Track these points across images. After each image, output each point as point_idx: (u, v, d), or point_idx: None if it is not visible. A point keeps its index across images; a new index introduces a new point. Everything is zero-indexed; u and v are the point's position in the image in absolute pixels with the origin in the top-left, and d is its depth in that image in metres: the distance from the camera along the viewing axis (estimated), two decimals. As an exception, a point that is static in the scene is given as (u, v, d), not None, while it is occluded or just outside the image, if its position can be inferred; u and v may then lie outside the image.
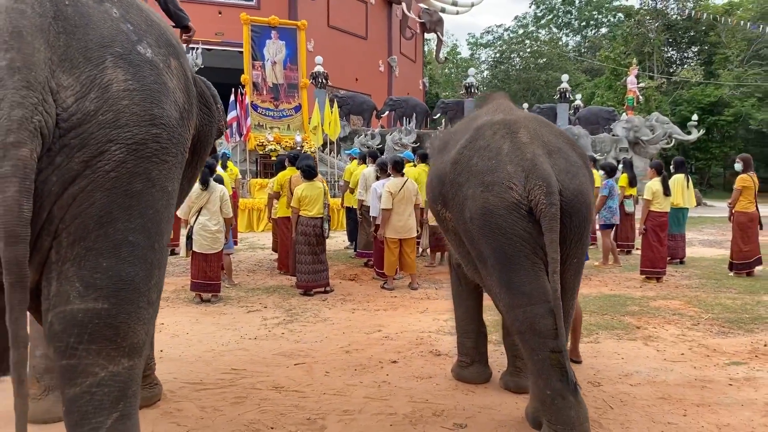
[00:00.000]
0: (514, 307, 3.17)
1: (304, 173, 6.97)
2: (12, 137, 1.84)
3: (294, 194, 6.91)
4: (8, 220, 1.82)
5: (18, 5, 2.00)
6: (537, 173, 3.15)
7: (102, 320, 2.04)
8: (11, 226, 1.82)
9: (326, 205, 7.04)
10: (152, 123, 2.14)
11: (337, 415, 3.65)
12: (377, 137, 19.30)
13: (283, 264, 8.08)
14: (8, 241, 1.82)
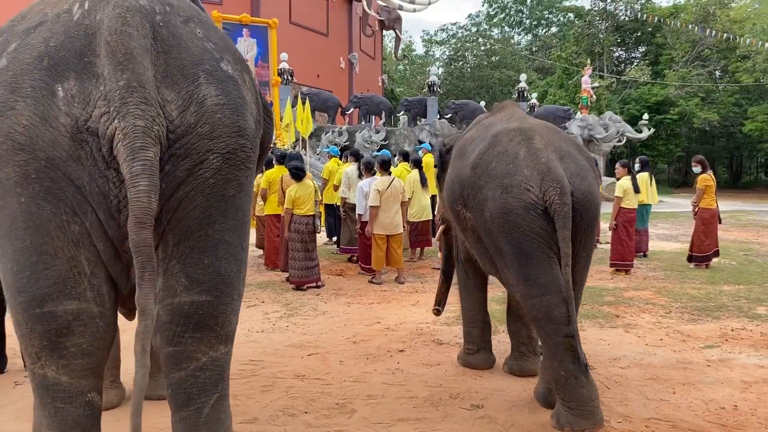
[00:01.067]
0: (531, 297, 3.51)
1: (293, 175, 7.18)
2: (139, 142, 2.06)
3: (287, 195, 7.12)
4: (139, 209, 2.03)
5: (126, 28, 2.21)
6: (551, 176, 3.50)
7: (205, 311, 2.27)
8: (141, 214, 2.04)
9: (317, 202, 7.28)
10: (239, 134, 2.38)
11: (362, 399, 3.93)
12: (345, 134, 19.52)
13: (270, 260, 8.27)
14: (138, 226, 2.04)
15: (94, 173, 2.12)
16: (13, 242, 2.11)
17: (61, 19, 2.25)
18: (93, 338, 2.19)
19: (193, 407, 2.27)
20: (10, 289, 2.14)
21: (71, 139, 2.10)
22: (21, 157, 2.09)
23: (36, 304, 2.10)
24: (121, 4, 2.26)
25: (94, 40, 2.19)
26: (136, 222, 2.03)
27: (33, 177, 2.09)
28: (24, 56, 2.19)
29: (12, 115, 2.11)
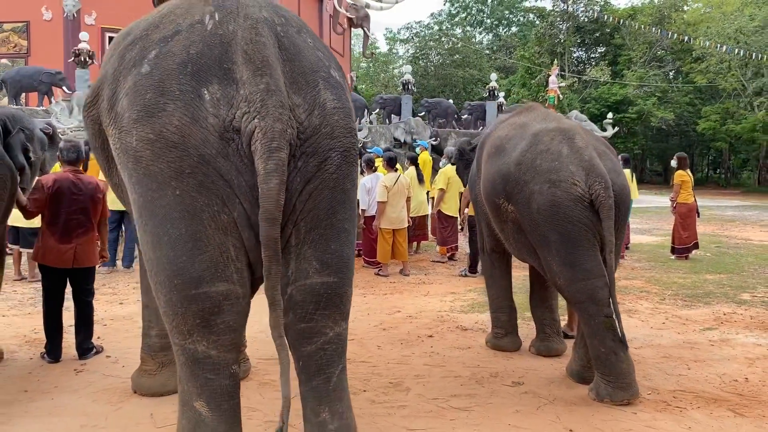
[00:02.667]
0: (577, 281, 3.87)
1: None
2: (275, 143, 2.33)
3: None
4: (270, 205, 2.31)
5: (260, 38, 2.47)
6: (596, 172, 3.87)
7: (332, 291, 2.55)
8: (271, 209, 2.32)
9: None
10: (351, 134, 2.66)
11: (411, 379, 4.23)
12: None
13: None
14: (268, 222, 2.32)
15: (241, 168, 2.38)
16: (168, 230, 2.35)
17: (195, 29, 2.49)
18: (237, 316, 2.44)
19: (323, 377, 2.54)
20: (165, 272, 2.38)
21: (219, 138, 2.36)
22: (175, 154, 2.33)
23: (192, 286, 2.35)
24: (251, 16, 2.52)
25: (230, 49, 2.45)
26: (266, 217, 2.31)
27: (187, 172, 2.33)
28: (167, 62, 2.43)
29: (164, 116, 2.35)
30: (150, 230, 2.40)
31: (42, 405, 3.69)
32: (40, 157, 4.60)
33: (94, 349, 4.60)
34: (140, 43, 2.56)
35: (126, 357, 4.58)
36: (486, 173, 4.47)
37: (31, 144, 4.43)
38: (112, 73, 2.61)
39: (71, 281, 4.53)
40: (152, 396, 3.82)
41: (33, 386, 4.01)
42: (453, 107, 23.88)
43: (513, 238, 4.38)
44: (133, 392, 3.88)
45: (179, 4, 2.64)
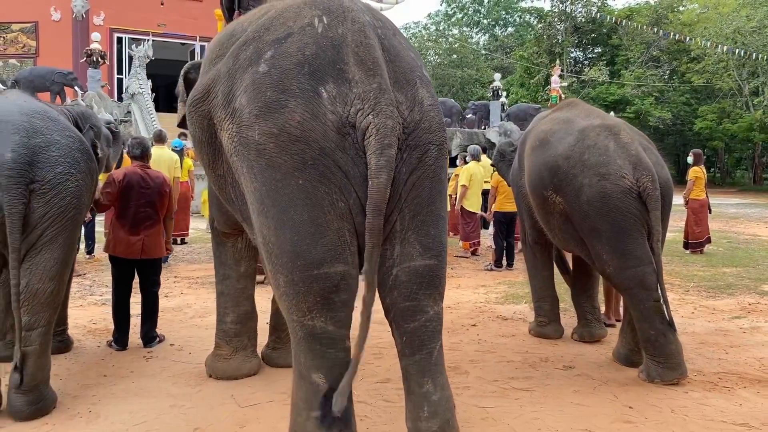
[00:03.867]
0: (627, 269, 4.10)
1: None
2: (387, 140, 2.55)
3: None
4: (378, 198, 2.52)
5: (368, 41, 2.69)
6: (643, 165, 4.11)
7: (433, 272, 2.77)
8: (379, 202, 2.53)
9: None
10: (443, 129, 2.89)
11: (467, 363, 4.45)
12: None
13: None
14: (375, 212, 2.53)
15: (356, 160, 2.59)
16: (292, 216, 2.56)
17: (307, 32, 2.70)
18: (351, 295, 2.66)
19: (425, 351, 2.75)
20: (287, 254, 2.58)
21: (337, 132, 2.57)
22: (298, 147, 2.54)
23: (314, 267, 2.55)
24: (358, 20, 2.73)
25: (341, 50, 2.66)
26: (374, 208, 2.52)
27: (310, 163, 2.54)
28: (284, 62, 2.64)
29: (285, 112, 2.56)
30: (273, 216, 2.60)
31: (125, 388, 3.89)
32: (107, 154, 4.78)
33: (158, 338, 4.80)
34: (254, 43, 2.76)
35: (189, 345, 4.78)
36: (531, 166, 4.69)
37: (99, 141, 4.61)
38: (226, 71, 2.81)
39: (139, 272, 4.72)
40: (227, 379, 4.02)
41: (110, 371, 4.20)
42: (457, 107, 24.09)
43: (559, 229, 4.60)
44: (209, 376, 4.08)
45: (287, 7, 2.84)
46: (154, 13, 21.17)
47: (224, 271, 4.07)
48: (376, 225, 2.54)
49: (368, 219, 2.54)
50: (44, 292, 3.46)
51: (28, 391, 3.40)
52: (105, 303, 5.96)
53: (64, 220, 3.52)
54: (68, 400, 3.65)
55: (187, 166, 9.17)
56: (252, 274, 4.16)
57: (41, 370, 3.47)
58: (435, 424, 2.71)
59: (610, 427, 3.41)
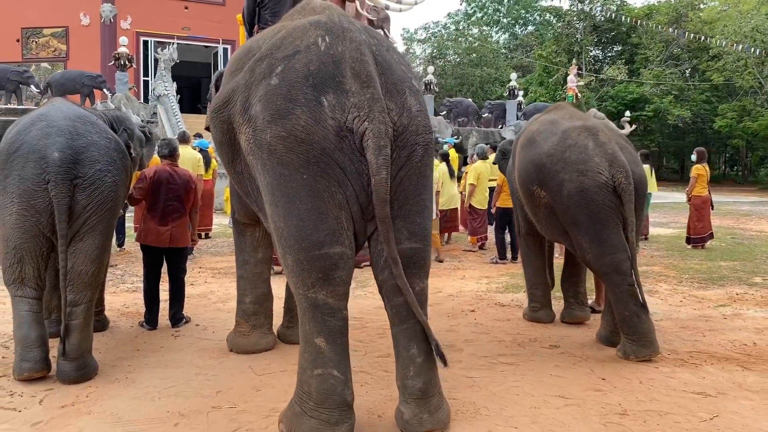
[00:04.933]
0: (603, 255, 4.53)
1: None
2: (382, 142, 3.03)
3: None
4: (382, 191, 3.01)
5: (363, 57, 3.17)
6: (618, 163, 4.54)
7: (418, 254, 3.24)
8: (383, 195, 3.01)
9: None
10: (429, 132, 3.36)
11: (462, 343, 4.91)
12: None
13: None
14: (381, 203, 3.01)
15: (352, 158, 3.07)
16: (298, 206, 3.05)
17: (311, 50, 3.19)
18: (348, 272, 3.14)
19: (411, 321, 3.22)
20: (294, 237, 3.07)
21: (336, 135, 3.05)
22: (303, 148, 3.03)
23: (316, 248, 3.04)
24: (354, 39, 3.21)
25: (340, 66, 3.14)
26: (380, 200, 3.01)
27: (313, 161, 3.03)
28: (292, 76, 3.13)
29: (293, 118, 3.05)
30: (282, 206, 3.09)
31: (156, 360, 4.42)
32: (139, 153, 5.32)
33: (184, 319, 5.33)
34: (267, 60, 3.25)
35: (212, 325, 5.31)
36: (519, 163, 5.15)
37: (132, 142, 5.14)
38: (244, 83, 3.31)
39: (167, 259, 5.25)
40: (246, 353, 4.53)
41: (142, 347, 4.74)
42: (474, 106, 24.49)
43: (545, 221, 5.05)
44: (230, 350, 4.59)
45: (296, 27, 3.33)
46: (178, 17, 21.87)
47: (243, 257, 4.58)
48: (384, 213, 3.04)
49: (377, 210, 3.03)
50: (87, 273, 4.00)
51: (74, 359, 3.94)
52: (135, 290, 6.53)
53: (104, 210, 4.06)
54: (107, 368, 4.18)
55: (213, 165, 9.75)
56: (268, 260, 4.67)
57: (85, 340, 4.01)
58: (419, 382, 3.19)
59: (581, 394, 3.85)
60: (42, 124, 4.07)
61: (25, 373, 3.89)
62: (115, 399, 3.68)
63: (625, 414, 3.55)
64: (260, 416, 3.44)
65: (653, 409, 3.62)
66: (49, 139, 3.98)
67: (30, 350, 3.92)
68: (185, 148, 8.51)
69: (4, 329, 5.04)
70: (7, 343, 4.68)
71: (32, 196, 3.89)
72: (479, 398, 3.74)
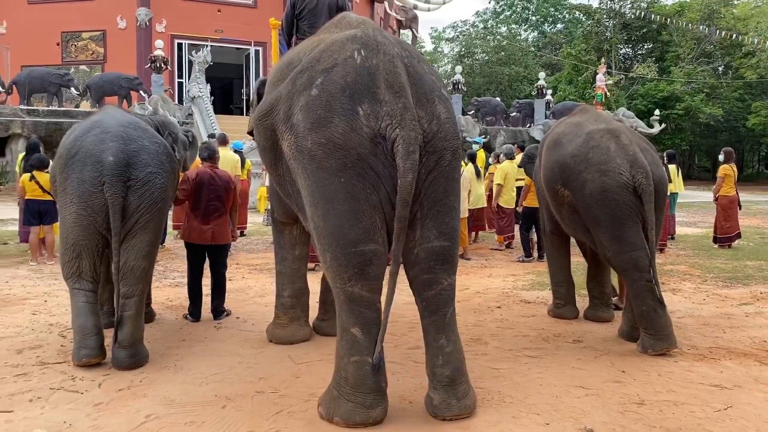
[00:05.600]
0: (623, 252, 4.73)
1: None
2: (411, 148, 3.28)
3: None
4: (406, 193, 3.26)
5: (396, 69, 3.42)
6: (638, 164, 4.74)
7: (447, 251, 3.49)
8: (406, 196, 3.26)
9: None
10: (457, 138, 3.60)
11: (488, 337, 5.15)
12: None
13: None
14: (403, 205, 3.27)
15: (385, 163, 3.33)
16: (336, 207, 3.32)
17: (348, 63, 3.45)
18: (381, 268, 3.41)
19: (440, 313, 3.48)
20: (333, 236, 3.34)
21: (371, 142, 3.31)
22: (340, 153, 3.30)
23: (352, 245, 3.31)
24: (388, 52, 3.47)
25: (375, 77, 3.39)
26: (402, 201, 3.26)
27: (349, 166, 3.30)
28: (331, 87, 3.40)
29: (331, 126, 3.32)
30: (321, 206, 3.37)
31: (202, 349, 4.74)
32: (183, 156, 5.65)
33: (225, 312, 5.65)
34: (308, 72, 3.53)
35: (252, 318, 5.63)
36: (545, 163, 5.36)
37: (176, 145, 5.48)
38: (286, 94, 3.59)
39: (209, 256, 5.58)
40: (284, 344, 4.83)
41: (188, 337, 5.06)
42: (501, 105, 24.58)
43: (568, 219, 5.25)
44: (269, 341, 4.90)
45: (334, 42, 3.59)
46: (211, 20, 22.36)
47: (282, 254, 4.88)
48: (403, 214, 3.29)
49: (397, 210, 3.28)
50: (138, 268, 4.33)
51: (127, 347, 4.27)
52: (177, 285, 6.89)
53: (154, 210, 4.39)
54: (157, 357, 4.51)
55: (247, 166, 10.11)
56: (305, 257, 4.96)
57: (137, 330, 4.34)
58: (448, 370, 3.44)
59: (601, 385, 4.06)
60: (97, 131, 4.42)
61: (83, 359, 4.23)
62: (167, 384, 4.00)
63: (642, 403, 3.75)
64: (300, 400, 3.72)
65: (670, 400, 3.82)
66: (104, 144, 4.32)
67: (87, 338, 4.26)
68: (224, 150, 8.87)
69: (59, 320, 5.42)
70: (63, 333, 5.04)
71: (89, 196, 4.23)
72: (504, 387, 3.98)
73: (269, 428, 3.35)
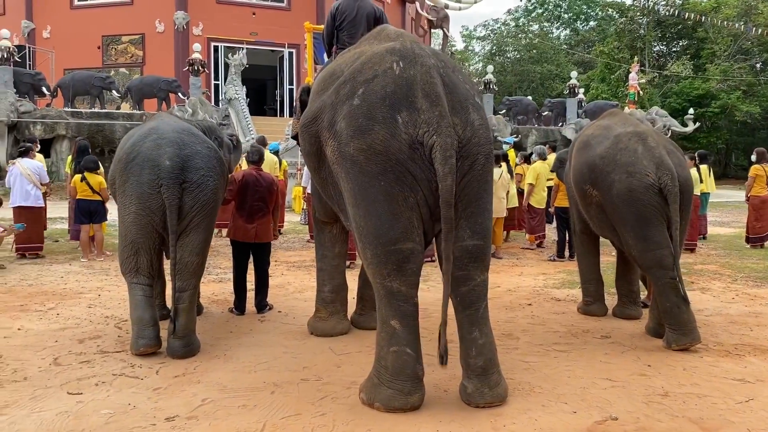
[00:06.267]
0: (648, 251, 4.92)
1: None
2: (448, 153, 3.52)
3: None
4: (447, 195, 3.50)
5: (432, 79, 3.66)
6: (664, 166, 4.92)
7: (480, 250, 3.73)
8: (449, 198, 3.51)
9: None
10: (490, 143, 3.83)
11: (519, 332, 5.37)
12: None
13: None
14: (446, 206, 3.51)
15: (422, 167, 3.58)
16: (376, 208, 3.59)
17: (388, 74, 3.71)
18: (418, 265, 3.67)
19: (473, 308, 3.73)
20: (373, 234, 3.61)
21: (409, 148, 3.57)
22: (380, 159, 3.56)
23: (391, 243, 3.58)
24: (425, 64, 3.72)
25: (413, 87, 3.65)
26: (446, 203, 3.50)
27: (389, 170, 3.56)
28: (372, 98, 3.66)
29: (372, 133, 3.59)
30: (362, 208, 3.64)
31: (248, 340, 5.06)
32: (227, 159, 5.98)
33: (268, 306, 5.97)
34: (350, 83, 3.80)
35: (293, 312, 5.94)
36: (575, 164, 5.57)
37: (221, 149, 5.80)
38: (330, 103, 3.87)
39: (253, 253, 5.90)
40: (325, 336, 5.12)
41: (234, 329, 5.39)
42: (533, 105, 24.61)
43: (596, 218, 5.46)
44: (310, 333, 5.19)
45: (374, 54, 3.85)
46: (246, 23, 22.88)
47: (323, 252, 5.18)
48: (448, 215, 3.54)
49: (443, 211, 3.53)
50: (192, 264, 4.66)
51: (182, 338, 4.60)
52: (221, 281, 7.24)
53: (206, 210, 4.71)
54: (207, 347, 4.83)
55: (283, 166, 10.45)
56: (344, 255, 5.24)
57: (190, 322, 4.67)
58: (480, 360, 3.69)
59: (627, 378, 4.26)
60: (154, 136, 4.76)
61: (141, 348, 4.57)
62: (218, 371, 4.32)
63: (666, 395, 3.95)
64: (342, 387, 4.01)
65: (693, 392, 4.00)
66: (161, 149, 4.65)
67: (145, 329, 4.60)
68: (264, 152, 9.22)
69: (113, 313, 5.80)
70: (119, 324, 5.41)
71: (147, 198, 4.57)
72: (533, 379, 4.21)
73: (315, 412, 3.63)
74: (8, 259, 8.44)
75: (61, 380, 4.10)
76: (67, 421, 3.49)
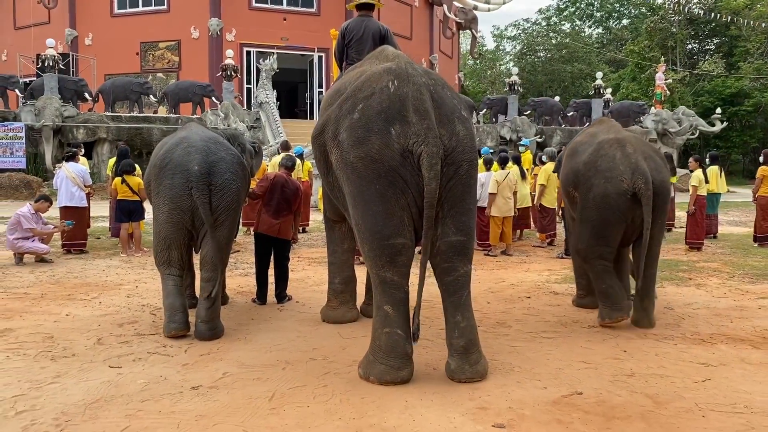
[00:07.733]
0: (596, 246, 5.55)
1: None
2: (434, 161, 4.06)
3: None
4: (431, 197, 4.04)
5: (422, 96, 4.20)
6: (639, 171, 5.40)
7: (463, 245, 4.26)
8: (432, 200, 4.05)
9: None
10: (474, 151, 4.36)
11: (512, 322, 5.87)
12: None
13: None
14: (429, 207, 4.05)
15: (412, 173, 4.13)
16: (372, 208, 4.15)
17: (384, 92, 4.26)
18: (408, 258, 4.22)
19: (457, 295, 4.26)
20: (370, 230, 4.17)
21: (401, 156, 4.12)
22: (377, 165, 4.12)
23: (385, 239, 4.14)
24: (416, 82, 4.26)
25: (405, 103, 4.19)
26: (429, 204, 4.04)
27: (383, 175, 4.12)
28: (369, 112, 4.22)
29: (369, 143, 4.15)
30: (360, 208, 4.21)
31: (267, 326, 5.67)
32: (250, 164, 6.60)
33: (287, 297, 6.58)
34: (351, 99, 4.36)
35: (309, 302, 6.53)
36: (564, 169, 6.08)
37: (244, 155, 6.43)
38: (334, 117, 4.44)
39: (274, 247, 6.51)
40: (335, 323, 5.70)
41: (255, 317, 6.01)
42: (558, 105, 24.84)
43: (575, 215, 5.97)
44: (322, 321, 5.78)
45: (373, 74, 4.40)
46: (277, 28, 23.66)
47: (333, 247, 5.76)
48: (430, 214, 4.08)
49: (425, 211, 4.07)
50: (217, 257, 5.28)
51: (208, 322, 5.23)
52: (246, 275, 7.88)
53: (230, 209, 5.33)
54: (230, 331, 5.45)
55: (307, 167, 11.08)
56: (352, 250, 5.81)
57: (216, 308, 5.30)
58: (462, 341, 4.23)
59: (601, 361, 4.74)
60: (184, 145, 5.40)
61: (172, 331, 5.21)
62: (239, 351, 4.93)
63: (632, 375, 4.43)
64: (345, 365, 4.58)
65: (657, 374, 4.47)
66: (190, 156, 5.29)
67: (175, 314, 5.24)
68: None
69: (149, 302, 6.47)
70: (153, 312, 6.07)
71: (179, 199, 5.21)
72: (515, 360, 4.73)
73: (318, 384, 4.22)
74: (56, 254, 9.24)
75: (103, 357, 4.76)
76: (109, 388, 4.14)
